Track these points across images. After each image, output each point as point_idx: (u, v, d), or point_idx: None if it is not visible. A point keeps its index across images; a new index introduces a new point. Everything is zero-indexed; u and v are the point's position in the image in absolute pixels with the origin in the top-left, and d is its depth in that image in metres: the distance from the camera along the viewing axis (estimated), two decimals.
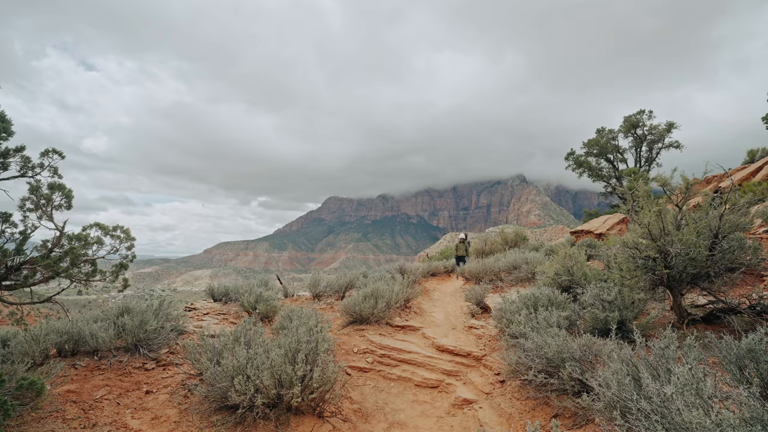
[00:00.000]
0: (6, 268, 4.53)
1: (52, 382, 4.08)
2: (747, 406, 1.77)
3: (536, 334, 4.00)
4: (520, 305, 5.36)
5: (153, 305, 5.50)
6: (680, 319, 4.23)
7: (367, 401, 4.64)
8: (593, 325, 4.30)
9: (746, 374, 2.35)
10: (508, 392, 4.16)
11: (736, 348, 2.45)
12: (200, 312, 7.23)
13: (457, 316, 7.52)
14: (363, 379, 5.18)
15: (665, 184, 4.48)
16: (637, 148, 21.88)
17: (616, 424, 2.26)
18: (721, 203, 4.20)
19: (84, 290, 6.40)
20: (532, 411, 3.68)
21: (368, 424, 4.18)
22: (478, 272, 10.18)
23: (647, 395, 2.25)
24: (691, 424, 1.81)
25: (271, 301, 7.08)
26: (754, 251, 4.17)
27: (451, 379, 5.02)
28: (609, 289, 4.59)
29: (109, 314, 5.37)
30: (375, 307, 6.64)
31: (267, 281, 9.94)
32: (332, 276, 9.90)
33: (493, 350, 5.38)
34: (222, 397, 3.79)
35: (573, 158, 22.63)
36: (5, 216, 4.63)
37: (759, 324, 3.03)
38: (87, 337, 4.72)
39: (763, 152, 13.36)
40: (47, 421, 3.60)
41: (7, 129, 4.13)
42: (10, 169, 4.57)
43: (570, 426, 3.22)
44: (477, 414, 4.01)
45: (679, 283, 4.21)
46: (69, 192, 4.85)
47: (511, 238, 14.88)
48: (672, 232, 4.07)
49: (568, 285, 6.11)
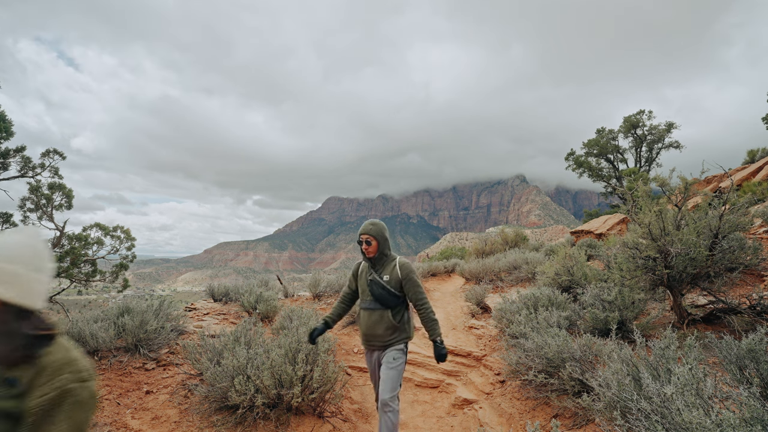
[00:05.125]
0: None
1: None
2: (747, 406, 1.77)
3: (536, 334, 4.00)
4: (520, 305, 5.36)
5: (153, 305, 5.50)
6: (680, 319, 4.23)
7: (367, 401, 4.64)
8: (593, 325, 4.30)
9: (746, 374, 2.35)
10: (508, 392, 4.16)
11: (736, 348, 2.45)
12: (200, 312, 7.23)
13: (458, 316, 7.52)
14: (363, 379, 5.18)
15: (664, 185, 4.48)
16: (637, 149, 21.90)
17: (616, 424, 2.26)
18: (721, 203, 4.20)
19: (84, 290, 6.45)
20: (533, 411, 3.68)
21: (368, 424, 4.18)
22: (478, 272, 10.18)
23: (647, 395, 2.25)
24: (692, 424, 1.81)
25: (271, 301, 7.08)
26: (754, 251, 4.17)
27: (452, 379, 5.02)
28: (609, 289, 4.59)
29: (109, 314, 5.36)
30: None
31: (267, 281, 9.95)
32: (332, 276, 9.90)
33: (494, 350, 5.38)
34: (222, 398, 3.79)
35: (573, 158, 22.65)
36: (5, 216, 4.63)
37: (759, 324, 3.03)
38: (87, 337, 4.72)
39: (763, 152, 13.37)
40: None
41: (8, 129, 4.13)
42: (10, 169, 4.57)
43: (570, 426, 3.22)
44: (477, 414, 4.01)
45: (679, 283, 4.20)
46: (69, 192, 4.86)
47: (512, 238, 14.87)
48: (672, 232, 4.07)
49: (569, 285, 6.11)
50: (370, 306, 2.97)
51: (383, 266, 3.01)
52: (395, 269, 2.97)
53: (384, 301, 2.93)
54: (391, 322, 2.92)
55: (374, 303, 2.96)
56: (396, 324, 2.94)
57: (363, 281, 3.06)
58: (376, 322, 2.94)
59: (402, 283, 2.95)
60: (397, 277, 2.94)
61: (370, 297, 2.97)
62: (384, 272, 2.97)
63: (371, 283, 2.98)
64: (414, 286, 2.94)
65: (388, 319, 2.92)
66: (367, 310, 3.00)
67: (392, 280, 2.93)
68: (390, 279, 2.94)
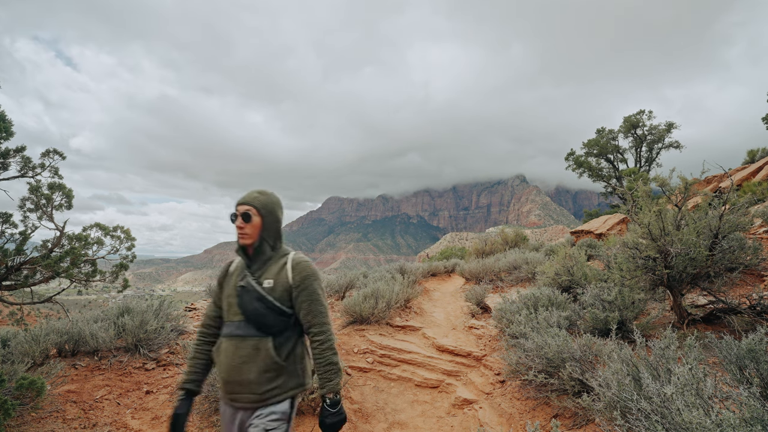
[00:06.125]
0: (6, 268, 4.53)
1: (52, 382, 4.08)
2: (747, 406, 1.77)
3: (536, 334, 4.00)
4: (520, 305, 5.37)
5: (153, 305, 5.50)
6: (680, 319, 4.23)
7: (367, 401, 4.64)
8: (593, 325, 4.30)
9: (746, 374, 2.35)
10: (508, 392, 4.16)
11: (736, 348, 2.45)
12: (200, 312, 7.23)
13: (458, 316, 7.52)
14: (363, 379, 5.18)
15: (664, 185, 4.48)
16: (637, 149, 21.91)
17: (616, 425, 2.26)
18: (721, 203, 4.20)
19: (84, 290, 6.45)
20: (533, 411, 3.68)
21: (368, 424, 4.18)
22: (478, 272, 10.18)
23: (647, 395, 2.25)
24: (692, 424, 1.81)
25: None
26: (754, 251, 4.17)
27: (452, 379, 5.02)
28: (609, 289, 4.59)
29: (109, 314, 5.37)
30: (375, 307, 6.64)
31: None
32: (332, 276, 9.91)
33: (494, 350, 5.38)
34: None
35: (573, 158, 22.66)
36: (5, 216, 4.63)
37: (759, 324, 3.03)
38: (87, 337, 4.72)
39: (763, 152, 13.38)
40: (47, 421, 3.60)
41: (8, 129, 4.13)
42: (10, 169, 4.58)
43: (570, 426, 3.22)
44: (477, 414, 4.01)
45: (679, 283, 4.21)
46: (69, 192, 4.86)
47: (512, 238, 14.87)
48: (672, 232, 4.07)
49: (569, 285, 6.11)
50: (238, 331, 1.83)
51: (266, 265, 1.92)
52: (284, 270, 1.89)
53: (261, 322, 1.81)
54: (271, 359, 1.79)
55: (245, 326, 1.83)
56: (280, 362, 1.81)
57: (231, 288, 1.92)
58: (245, 359, 1.78)
59: (293, 294, 1.88)
60: (286, 283, 1.87)
61: (239, 316, 1.85)
62: (266, 274, 1.89)
63: (242, 291, 1.87)
64: (312, 302, 1.86)
65: (267, 355, 1.79)
66: (233, 338, 1.83)
67: (278, 287, 1.86)
68: (275, 285, 1.86)
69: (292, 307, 1.89)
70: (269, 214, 1.92)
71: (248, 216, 1.87)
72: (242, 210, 1.88)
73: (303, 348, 1.96)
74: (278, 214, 1.96)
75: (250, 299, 1.84)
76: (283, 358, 1.83)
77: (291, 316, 1.89)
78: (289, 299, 1.88)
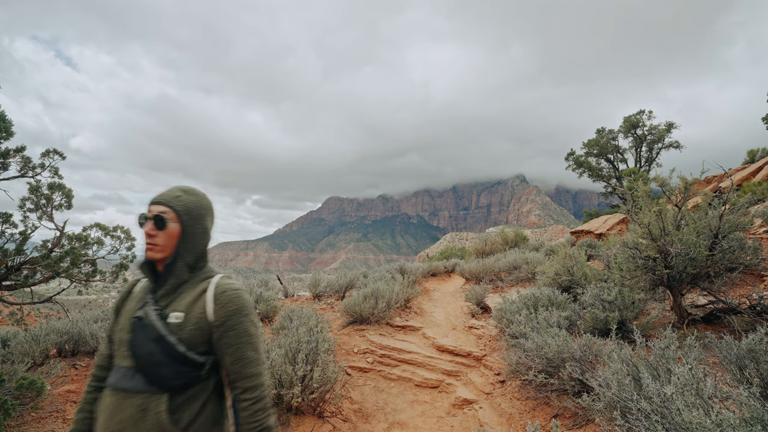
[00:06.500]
0: (6, 268, 4.53)
1: (52, 382, 4.08)
2: (747, 406, 1.77)
3: (536, 334, 4.00)
4: (520, 305, 5.37)
5: None
6: (680, 319, 4.23)
7: (367, 401, 4.64)
8: (593, 325, 4.30)
9: (746, 374, 2.35)
10: (508, 392, 4.16)
11: (736, 348, 2.45)
12: None
13: (458, 316, 7.52)
14: (363, 379, 5.18)
15: (664, 185, 4.48)
16: (637, 149, 21.91)
17: (616, 424, 2.26)
18: (721, 203, 4.20)
19: (84, 290, 6.44)
20: (533, 411, 3.68)
21: (368, 424, 4.18)
22: (478, 272, 10.18)
23: (647, 395, 2.25)
24: (691, 424, 1.81)
25: (271, 301, 7.08)
26: (754, 251, 4.17)
27: (452, 379, 5.02)
28: (609, 289, 4.59)
29: (109, 314, 5.36)
30: (375, 307, 6.64)
31: (267, 281, 9.96)
32: (332, 276, 9.91)
33: (494, 350, 5.38)
34: None
35: (573, 158, 22.66)
36: (5, 216, 4.63)
37: (759, 324, 3.03)
38: (87, 337, 4.72)
39: (763, 152, 13.38)
40: (47, 421, 3.60)
41: (8, 129, 4.13)
42: (10, 169, 4.58)
43: (570, 426, 3.22)
44: (477, 414, 4.01)
45: (679, 283, 4.21)
46: (69, 192, 4.86)
47: (512, 238, 14.88)
48: (672, 232, 4.07)
49: (569, 285, 6.11)
50: (123, 383, 1.29)
51: (177, 291, 1.39)
52: (202, 301, 1.36)
53: (154, 372, 1.27)
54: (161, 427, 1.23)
55: (131, 376, 1.29)
56: None
57: (125, 320, 1.38)
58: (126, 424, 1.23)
59: (212, 335, 1.35)
60: (203, 320, 1.34)
61: (127, 360, 1.31)
62: (175, 304, 1.36)
63: (137, 325, 1.33)
64: (240, 346, 1.34)
65: (157, 421, 1.23)
66: (117, 392, 1.28)
67: (189, 324, 1.32)
68: (184, 321, 1.32)
69: (207, 353, 1.35)
70: (193, 222, 1.40)
71: (162, 221, 1.35)
72: (155, 211, 1.36)
73: (219, 410, 1.37)
74: (206, 222, 1.45)
75: (145, 339, 1.29)
76: (183, 426, 1.25)
77: (202, 367, 1.33)
78: (205, 342, 1.34)
